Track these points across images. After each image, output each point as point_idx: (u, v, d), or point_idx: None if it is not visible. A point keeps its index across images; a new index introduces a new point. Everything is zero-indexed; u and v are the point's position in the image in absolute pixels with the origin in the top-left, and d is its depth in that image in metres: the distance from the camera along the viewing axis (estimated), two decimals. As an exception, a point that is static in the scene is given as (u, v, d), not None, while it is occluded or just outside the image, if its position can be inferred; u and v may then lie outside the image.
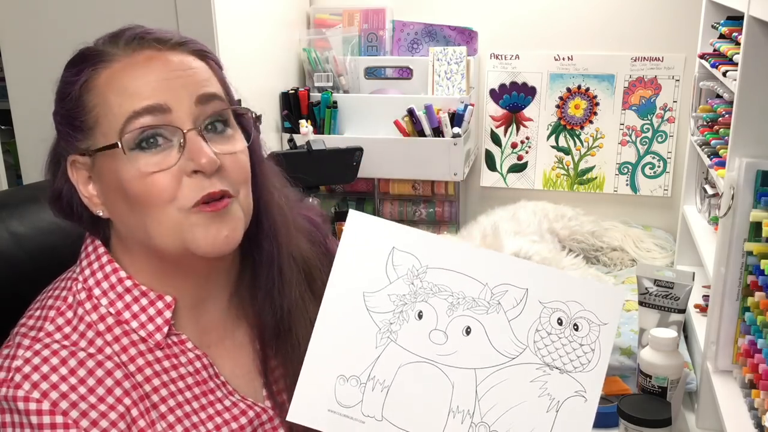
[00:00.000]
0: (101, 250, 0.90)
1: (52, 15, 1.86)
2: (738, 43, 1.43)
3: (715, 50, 1.72)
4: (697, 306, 1.74)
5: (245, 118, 0.91)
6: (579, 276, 2.01)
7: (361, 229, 0.87)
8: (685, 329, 1.75)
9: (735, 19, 1.60)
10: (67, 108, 0.85)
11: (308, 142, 2.04)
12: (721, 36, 1.72)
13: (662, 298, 1.44)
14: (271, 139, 2.29)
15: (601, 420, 1.32)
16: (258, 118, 0.91)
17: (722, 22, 1.69)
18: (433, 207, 2.40)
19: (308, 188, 2.11)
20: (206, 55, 0.89)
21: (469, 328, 0.85)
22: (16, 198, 1.11)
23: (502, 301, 0.85)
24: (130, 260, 0.90)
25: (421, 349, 0.85)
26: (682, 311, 1.43)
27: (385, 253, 0.86)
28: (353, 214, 0.87)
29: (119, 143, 0.81)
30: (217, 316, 0.95)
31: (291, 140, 2.11)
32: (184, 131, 0.82)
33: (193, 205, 0.83)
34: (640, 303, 1.48)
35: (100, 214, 0.88)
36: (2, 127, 2.29)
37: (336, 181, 2.25)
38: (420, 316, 0.85)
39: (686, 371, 1.41)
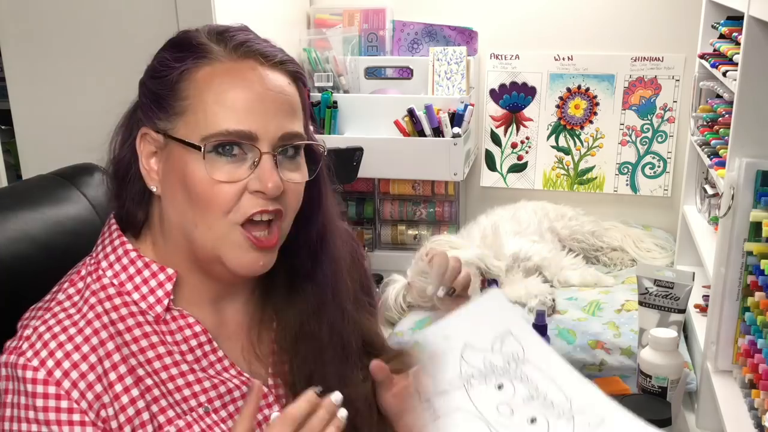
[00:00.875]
0: (114, 227, 0.93)
1: (52, 15, 1.86)
2: (738, 43, 1.43)
3: (715, 50, 1.72)
4: (697, 306, 1.75)
5: (315, 148, 0.95)
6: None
7: (493, 302, 1.00)
8: (685, 329, 1.75)
9: (735, 19, 1.60)
10: (159, 87, 0.88)
11: (308, 142, 2.04)
12: (721, 36, 1.72)
13: (662, 298, 1.44)
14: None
15: (601, 420, 1.33)
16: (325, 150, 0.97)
17: (722, 22, 1.69)
18: (433, 207, 2.40)
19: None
20: (299, 78, 0.93)
21: (535, 418, 0.90)
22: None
23: (576, 417, 0.90)
24: (163, 243, 0.92)
25: (485, 408, 0.91)
26: (682, 311, 1.43)
27: (500, 329, 0.96)
28: (495, 291, 1.01)
29: (202, 148, 0.85)
30: (237, 312, 0.97)
31: (291, 140, 2.11)
32: (262, 152, 0.86)
33: (244, 221, 0.87)
34: (640, 303, 1.48)
35: (154, 189, 0.90)
36: (2, 127, 2.29)
37: (336, 181, 2.24)
38: (500, 388, 0.92)
39: (686, 371, 1.41)
